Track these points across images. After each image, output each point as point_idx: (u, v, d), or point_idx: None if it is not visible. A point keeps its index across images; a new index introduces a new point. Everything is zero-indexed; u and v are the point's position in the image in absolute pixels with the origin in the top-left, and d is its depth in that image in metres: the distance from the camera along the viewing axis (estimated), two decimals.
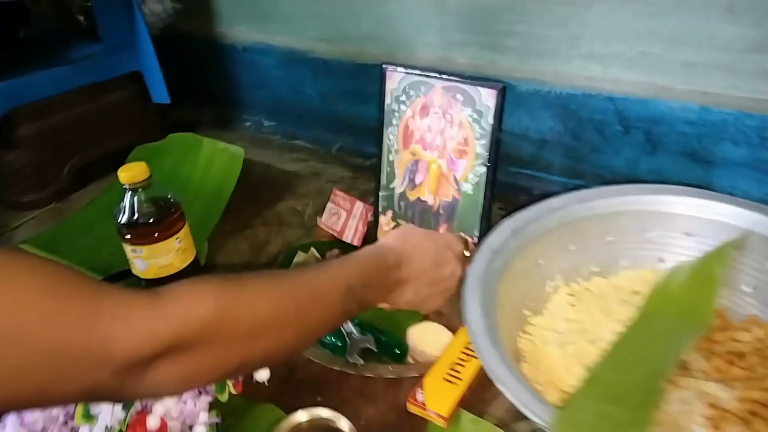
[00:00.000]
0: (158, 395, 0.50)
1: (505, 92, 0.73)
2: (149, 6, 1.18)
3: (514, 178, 1.02)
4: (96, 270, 0.88)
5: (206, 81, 1.41)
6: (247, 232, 0.99)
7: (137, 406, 0.54)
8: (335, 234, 0.93)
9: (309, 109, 1.26)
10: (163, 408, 0.55)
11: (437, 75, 0.78)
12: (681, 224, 0.61)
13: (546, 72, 0.92)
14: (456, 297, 0.68)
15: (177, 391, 0.44)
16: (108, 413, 0.53)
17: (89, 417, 0.53)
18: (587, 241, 0.63)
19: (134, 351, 0.37)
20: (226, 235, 0.98)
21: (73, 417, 0.53)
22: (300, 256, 0.87)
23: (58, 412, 0.53)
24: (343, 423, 0.53)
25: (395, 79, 0.82)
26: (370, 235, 0.91)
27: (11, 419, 0.52)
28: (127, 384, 0.38)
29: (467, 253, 0.69)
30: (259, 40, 1.26)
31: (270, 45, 1.24)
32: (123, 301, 0.38)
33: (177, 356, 0.40)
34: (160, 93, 1.20)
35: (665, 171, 0.88)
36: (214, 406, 0.60)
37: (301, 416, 0.55)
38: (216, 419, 0.59)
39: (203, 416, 0.57)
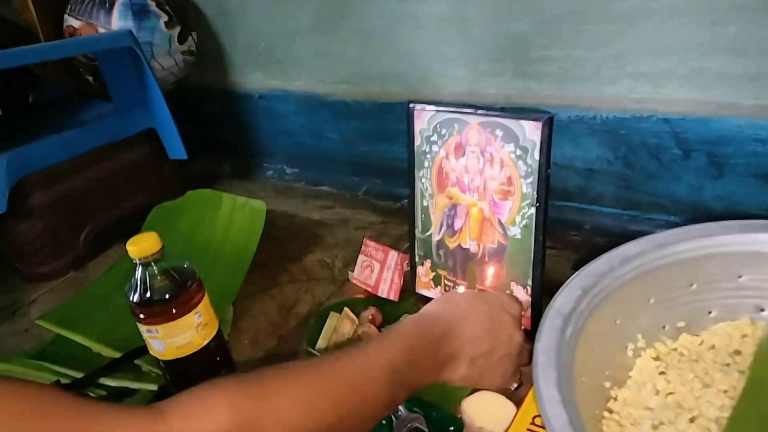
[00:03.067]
0: None
1: (552, 124, 0.65)
2: (159, 61, 1.14)
3: (561, 213, 0.93)
4: (115, 345, 0.82)
5: (224, 132, 1.36)
6: (273, 291, 0.92)
7: None
8: (369, 289, 0.84)
9: (332, 153, 1.20)
10: None
11: (472, 111, 0.70)
12: None
13: (588, 97, 0.84)
14: (517, 367, 0.60)
15: None
16: None
17: None
18: (670, 292, 0.53)
19: None
20: (252, 297, 0.90)
21: None
22: (333, 318, 0.78)
23: None
24: None
25: (424, 118, 0.74)
26: (408, 288, 0.83)
27: None
28: None
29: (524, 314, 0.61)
30: (275, 86, 1.21)
31: (287, 91, 1.19)
32: (116, 429, 0.31)
33: None
34: (176, 149, 1.15)
35: (735, 196, 0.78)
36: None
37: None
38: None
39: None
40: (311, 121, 1.19)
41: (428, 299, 0.81)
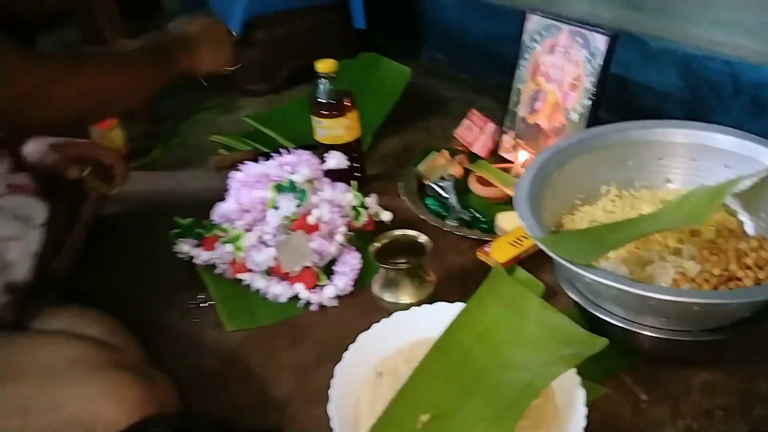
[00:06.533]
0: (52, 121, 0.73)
1: (615, 40, 0.89)
2: None
3: None
4: (292, 141, 1.21)
5: (398, 15, 1.68)
6: (401, 135, 1.27)
7: (304, 204, 0.84)
8: (466, 144, 1.15)
9: (475, 47, 1.48)
10: (318, 212, 0.84)
11: (565, 20, 0.96)
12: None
13: (676, 32, 1.04)
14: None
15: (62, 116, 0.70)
16: (285, 206, 0.84)
17: (275, 206, 0.84)
18: (644, 161, 0.79)
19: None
20: (387, 134, 1.26)
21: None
22: (433, 155, 1.11)
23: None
24: (423, 238, 0.78)
25: (533, 21, 1.01)
26: (495, 152, 1.13)
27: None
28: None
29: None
30: None
31: None
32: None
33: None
34: (359, 19, 1.50)
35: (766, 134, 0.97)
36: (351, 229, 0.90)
37: (393, 234, 0.80)
38: (351, 233, 0.88)
39: (342, 228, 0.87)
40: (464, 18, 1.47)
41: (507, 160, 1.11)
